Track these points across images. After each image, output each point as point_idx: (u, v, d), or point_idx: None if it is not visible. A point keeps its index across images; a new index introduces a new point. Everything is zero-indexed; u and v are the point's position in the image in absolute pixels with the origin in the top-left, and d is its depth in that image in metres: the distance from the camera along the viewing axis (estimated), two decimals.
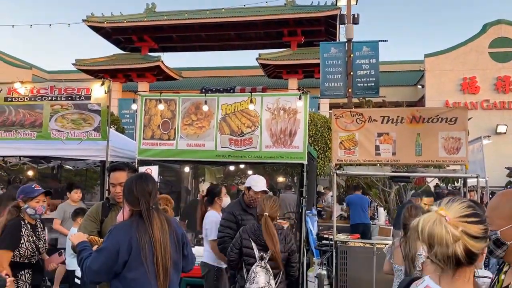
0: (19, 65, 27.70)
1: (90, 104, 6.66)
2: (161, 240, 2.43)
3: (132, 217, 2.50)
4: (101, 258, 2.38)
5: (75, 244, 2.64)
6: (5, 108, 6.97)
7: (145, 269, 2.37)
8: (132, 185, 2.52)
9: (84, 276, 2.46)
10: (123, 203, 2.60)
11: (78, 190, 6.47)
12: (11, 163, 8.68)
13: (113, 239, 2.41)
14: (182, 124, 6.55)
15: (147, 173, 3.92)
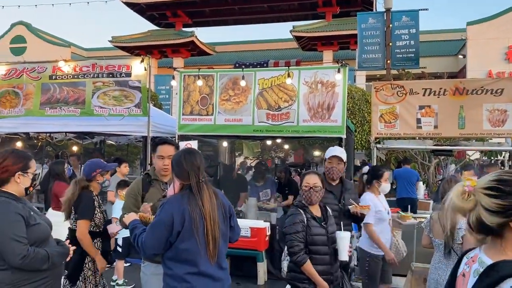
0: (58, 43, 28.44)
1: (131, 81, 6.80)
2: (211, 212, 2.52)
3: (182, 191, 2.58)
4: (157, 231, 2.47)
5: (127, 224, 2.74)
6: (50, 86, 7.24)
7: (196, 240, 2.47)
8: (182, 160, 2.59)
9: (141, 252, 2.56)
10: (173, 177, 2.66)
11: (127, 164, 6.73)
12: (57, 138, 9.06)
13: (167, 212, 2.48)
14: (220, 99, 6.61)
15: (194, 148, 4.01)
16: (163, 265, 2.58)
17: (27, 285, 2.36)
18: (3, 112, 7.46)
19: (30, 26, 28.82)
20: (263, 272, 5.91)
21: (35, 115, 7.29)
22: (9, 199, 2.42)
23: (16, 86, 7.40)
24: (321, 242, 3.23)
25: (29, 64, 7.45)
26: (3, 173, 2.44)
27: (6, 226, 2.31)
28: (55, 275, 2.55)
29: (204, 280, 2.52)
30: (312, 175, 3.41)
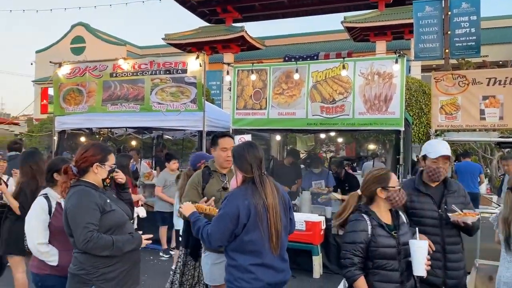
0: (115, 42, 29.60)
1: (187, 77, 6.97)
2: (273, 205, 2.57)
3: (245, 183, 2.63)
4: (223, 223, 2.53)
5: (187, 215, 2.81)
6: (111, 84, 7.56)
7: (260, 232, 2.53)
8: (245, 153, 2.64)
9: (205, 243, 2.64)
10: (235, 170, 2.71)
11: (176, 161, 6.90)
12: (117, 134, 9.46)
13: (233, 205, 2.54)
14: (273, 93, 6.63)
15: (254, 142, 4.08)
16: (227, 256, 2.64)
17: (104, 268, 2.54)
18: (68, 109, 7.89)
19: (89, 27, 30.22)
20: (318, 266, 5.89)
21: (98, 111, 7.65)
22: (87, 187, 2.60)
23: (79, 84, 7.80)
24: (389, 255, 2.56)
25: (91, 63, 7.82)
26: (83, 163, 2.64)
27: (78, 213, 2.49)
28: (132, 262, 2.69)
29: (267, 271, 2.57)
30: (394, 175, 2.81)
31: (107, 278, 2.55)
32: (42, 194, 3.06)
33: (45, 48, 30.64)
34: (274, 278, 2.60)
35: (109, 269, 2.55)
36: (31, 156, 4.18)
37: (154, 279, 5.56)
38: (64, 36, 30.64)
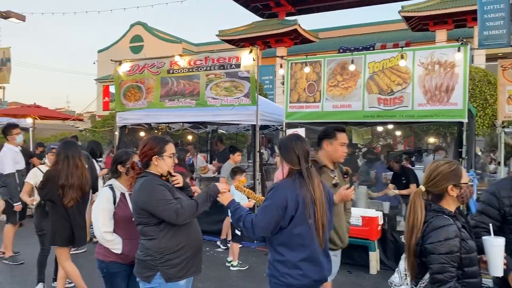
0: (171, 40, 30.47)
1: (240, 72, 7.02)
2: (320, 198, 2.55)
3: (292, 175, 2.61)
4: (270, 214, 2.50)
5: (225, 204, 2.80)
6: (168, 80, 7.78)
7: (308, 225, 2.50)
8: (293, 145, 2.62)
9: (248, 232, 2.60)
10: (281, 162, 2.69)
11: (240, 153, 7.03)
12: (174, 128, 9.74)
13: (281, 195, 2.51)
14: (328, 85, 6.53)
15: (300, 134, 4.07)
16: (273, 251, 2.61)
17: (168, 254, 2.63)
18: (129, 105, 8.22)
19: (147, 26, 31.29)
20: (375, 262, 5.76)
21: (156, 107, 7.91)
22: (154, 177, 2.73)
23: (139, 81, 8.10)
24: (476, 260, 2.24)
25: (149, 60, 8.09)
26: (144, 158, 2.77)
27: (156, 195, 2.61)
28: (195, 250, 2.77)
29: (314, 268, 2.55)
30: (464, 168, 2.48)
31: (172, 264, 2.64)
32: (107, 185, 3.22)
33: (106, 48, 32.14)
34: (320, 275, 2.59)
35: (173, 255, 2.64)
36: (68, 146, 4.25)
37: (210, 269, 5.67)
38: (124, 36, 31.96)
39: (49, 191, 4.08)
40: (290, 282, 2.51)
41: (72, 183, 4.02)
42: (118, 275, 3.15)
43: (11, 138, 6.13)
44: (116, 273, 3.14)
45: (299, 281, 2.51)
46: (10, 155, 6.02)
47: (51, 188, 4.06)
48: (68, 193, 4.02)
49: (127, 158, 3.24)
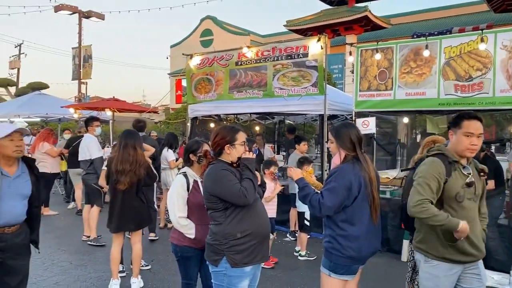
0: (239, 33, 30.89)
1: (308, 61, 6.95)
2: (375, 179, 2.88)
3: (348, 160, 2.90)
4: (335, 195, 2.77)
5: (295, 179, 3.10)
6: (237, 72, 7.91)
7: (367, 203, 2.83)
8: (349, 132, 2.91)
9: (314, 210, 2.88)
10: (338, 148, 2.95)
11: (306, 143, 7.02)
12: (242, 119, 9.91)
13: (345, 178, 2.80)
14: (400, 72, 6.27)
15: (352, 122, 4.05)
16: (335, 227, 2.86)
17: (234, 240, 2.72)
18: (199, 97, 8.48)
19: (216, 19, 31.98)
20: (407, 250, 5.56)
21: (225, 98, 8.08)
22: (224, 164, 2.84)
23: (208, 73, 8.32)
24: None
25: (218, 53, 8.27)
26: (216, 147, 2.89)
27: (221, 180, 2.72)
28: (261, 237, 2.83)
29: (370, 241, 2.88)
30: None
31: (237, 250, 2.72)
32: (181, 172, 3.37)
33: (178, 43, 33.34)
34: (374, 248, 2.93)
35: (239, 241, 2.72)
36: (127, 135, 4.52)
37: (278, 258, 5.73)
38: (194, 30, 32.95)
39: (108, 176, 4.44)
40: (351, 254, 2.81)
41: (124, 168, 4.30)
42: (191, 259, 3.29)
43: (91, 129, 6.79)
44: (189, 257, 3.29)
45: (358, 253, 2.82)
46: (95, 142, 6.67)
47: (109, 174, 4.42)
48: (121, 178, 4.31)
49: (198, 147, 3.37)
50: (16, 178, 2.98)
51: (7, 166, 2.95)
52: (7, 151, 2.89)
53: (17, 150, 2.91)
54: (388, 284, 5.01)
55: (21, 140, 2.93)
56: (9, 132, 2.87)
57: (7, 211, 2.89)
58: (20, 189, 2.97)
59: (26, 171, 3.05)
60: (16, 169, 3.00)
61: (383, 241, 6.13)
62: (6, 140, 2.87)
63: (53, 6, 24.29)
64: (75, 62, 25.97)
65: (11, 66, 34.16)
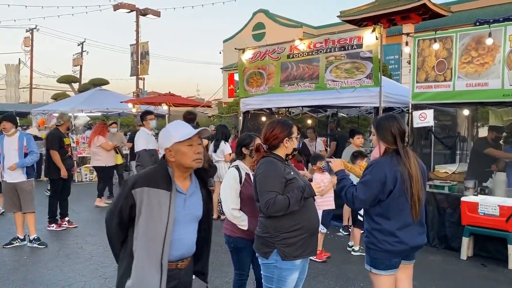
0: (292, 25, 30.64)
1: (362, 52, 6.79)
2: (416, 175, 2.77)
3: (388, 154, 2.84)
4: (369, 188, 2.77)
5: (334, 170, 3.13)
6: (288, 65, 7.89)
7: (405, 199, 2.76)
8: (389, 125, 2.85)
9: (348, 203, 2.96)
10: (378, 141, 2.92)
11: (360, 136, 6.89)
12: (294, 113, 9.88)
13: (380, 172, 2.76)
14: (460, 62, 5.97)
15: (397, 114, 3.92)
16: (371, 221, 2.88)
17: (285, 233, 2.74)
18: (251, 91, 8.55)
19: (268, 13, 31.94)
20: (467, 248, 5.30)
21: (276, 92, 8.09)
22: (276, 160, 2.87)
23: (260, 67, 8.36)
24: None
25: (270, 46, 8.28)
26: (274, 140, 2.91)
27: (264, 181, 2.76)
28: (311, 231, 2.84)
29: (410, 235, 2.80)
30: None
31: (288, 243, 2.74)
32: (233, 166, 3.44)
33: (231, 37, 33.66)
34: (415, 242, 2.85)
35: (290, 234, 2.74)
36: None
37: (331, 252, 5.69)
38: (247, 24, 33.10)
39: None
40: (388, 248, 2.79)
41: None
42: (244, 250, 3.36)
43: (146, 123, 7.14)
44: (242, 248, 3.36)
45: (396, 247, 2.79)
46: (143, 136, 7.02)
47: None
48: None
49: (250, 141, 3.42)
50: (191, 195, 2.27)
51: (181, 180, 2.23)
52: (185, 159, 2.17)
53: (197, 159, 2.19)
54: (445, 282, 4.82)
55: (200, 145, 2.22)
56: (191, 134, 2.17)
57: (182, 239, 2.21)
58: (193, 210, 2.27)
59: (198, 185, 2.34)
60: (189, 183, 2.28)
61: (440, 238, 5.95)
62: (184, 145, 2.16)
63: (112, 5, 25.35)
64: (133, 58, 27.00)
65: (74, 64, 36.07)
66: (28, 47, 35.38)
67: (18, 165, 5.85)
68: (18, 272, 5.00)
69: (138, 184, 2.11)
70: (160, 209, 2.10)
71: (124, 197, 2.14)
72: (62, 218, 7.14)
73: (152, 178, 2.14)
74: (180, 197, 2.20)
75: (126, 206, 2.13)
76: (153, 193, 2.10)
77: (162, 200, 2.11)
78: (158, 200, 2.11)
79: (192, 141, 2.18)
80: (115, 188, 10.08)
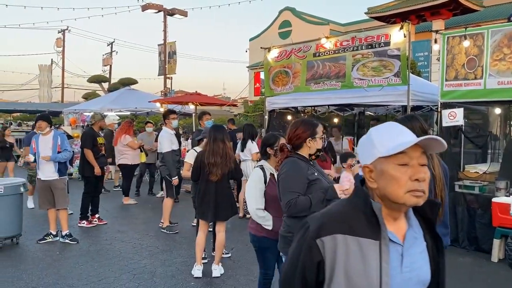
0: (318, 23, 30.43)
1: (390, 50, 6.69)
2: (439, 174, 2.73)
3: None
4: None
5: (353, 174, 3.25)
6: (314, 63, 7.85)
7: None
8: (413, 126, 2.73)
9: None
10: None
11: None
12: (320, 111, 9.82)
13: None
14: (492, 60, 5.81)
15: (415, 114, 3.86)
16: None
17: None
18: (277, 90, 8.55)
19: (295, 10, 31.81)
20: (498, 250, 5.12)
21: (302, 91, 8.07)
22: (299, 160, 2.88)
23: (286, 66, 8.35)
24: None
25: (296, 44, 8.26)
26: (296, 140, 2.92)
27: (287, 181, 2.78)
28: None
29: None
30: None
31: None
32: (258, 166, 3.47)
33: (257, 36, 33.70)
34: None
35: None
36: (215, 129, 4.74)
37: None
38: (273, 22, 33.07)
39: (199, 168, 4.68)
40: None
41: (215, 161, 4.54)
42: (269, 249, 3.38)
43: (168, 122, 7.22)
44: (267, 248, 3.38)
45: None
46: (167, 137, 7.06)
47: (200, 166, 4.66)
48: (213, 170, 4.56)
49: (275, 141, 3.44)
50: (411, 247, 1.35)
51: (391, 221, 1.35)
52: (393, 189, 1.28)
53: (415, 191, 1.26)
54: (475, 285, 4.72)
55: (423, 166, 1.29)
56: (407, 145, 1.26)
57: None
58: (417, 270, 1.34)
59: (420, 230, 1.41)
60: (406, 227, 1.37)
61: (471, 239, 5.81)
62: (394, 163, 1.28)
63: (140, 5, 25.78)
64: (160, 58, 27.41)
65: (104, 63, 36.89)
66: (60, 48, 36.41)
67: (51, 158, 6.05)
68: (51, 267, 5.18)
69: (326, 229, 1.31)
70: (365, 270, 1.27)
71: (307, 249, 1.32)
72: (93, 214, 7.35)
73: (347, 219, 1.32)
74: (395, 250, 1.31)
75: (312, 265, 1.32)
76: (352, 244, 1.28)
77: (367, 255, 1.28)
78: (361, 255, 1.28)
79: (408, 158, 1.27)
80: (142, 187, 10.28)
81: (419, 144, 1.27)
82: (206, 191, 4.67)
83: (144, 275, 4.91)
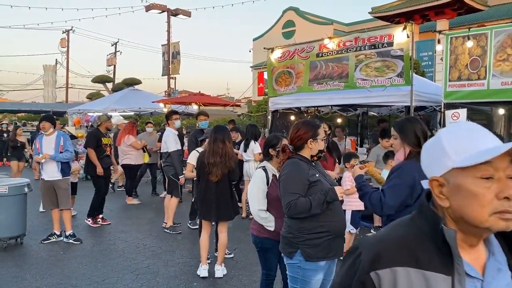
0: (321, 22, 30.38)
1: (393, 50, 6.69)
2: None
3: (413, 157, 2.73)
4: (398, 193, 2.65)
5: (353, 176, 3.03)
6: (317, 64, 7.85)
7: None
8: (414, 127, 2.76)
9: (375, 209, 2.77)
10: (402, 144, 2.79)
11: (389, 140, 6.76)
12: (323, 112, 9.82)
13: (409, 175, 2.62)
14: (495, 60, 5.80)
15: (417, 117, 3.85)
16: None
17: (308, 234, 2.76)
18: (280, 90, 8.56)
19: (298, 10, 31.78)
20: None
21: (305, 91, 8.08)
22: (300, 161, 2.88)
23: (289, 66, 8.36)
24: None
25: (299, 45, 8.27)
26: (298, 141, 2.92)
27: (288, 182, 2.79)
28: (336, 233, 2.84)
29: None
30: None
31: (312, 244, 2.75)
32: (261, 167, 3.47)
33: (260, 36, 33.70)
34: None
35: (313, 236, 2.75)
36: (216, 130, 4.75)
37: None
38: (276, 22, 33.05)
39: (200, 169, 4.69)
40: None
41: (215, 161, 4.53)
42: (271, 250, 3.39)
43: (171, 123, 7.22)
44: (269, 249, 3.39)
45: None
46: (172, 136, 7.06)
47: (201, 166, 4.66)
48: (213, 170, 4.55)
49: (277, 142, 3.45)
50: (493, 280, 1.02)
51: (467, 249, 1.05)
52: (473, 209, 0.99)
53: (507, 213, 0.96)
54: None
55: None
56: (494, 153, 0.94)
57: None
58: None
59: (503, 257, 1.07)
60: (485, 255, 1.06)
61: None
62: (474, 176, 0.98)
63: (144, 6, 25.85)
64: (164, 58, 27.48)
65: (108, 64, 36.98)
66: (65, 48, 36.53)
67: (51, 157, 6.07)
68: (55, 267, 5.21)
69: (383, 260, 1.02)
70: None
71: (358, 284, 1.05)
72: (97, 214, 7.38)
73: (409, 247, 1.03)
74: (473, 286, 1.02)
75: None
76: (416, 279, 1.00)
77: None
78: None
79: (493, 169, 0.97)
80: (144, 187, 10.31)
81: (509, 151, 0.95)
82: (207, 191, 4.67)
83: (147, 275, 4.93)
